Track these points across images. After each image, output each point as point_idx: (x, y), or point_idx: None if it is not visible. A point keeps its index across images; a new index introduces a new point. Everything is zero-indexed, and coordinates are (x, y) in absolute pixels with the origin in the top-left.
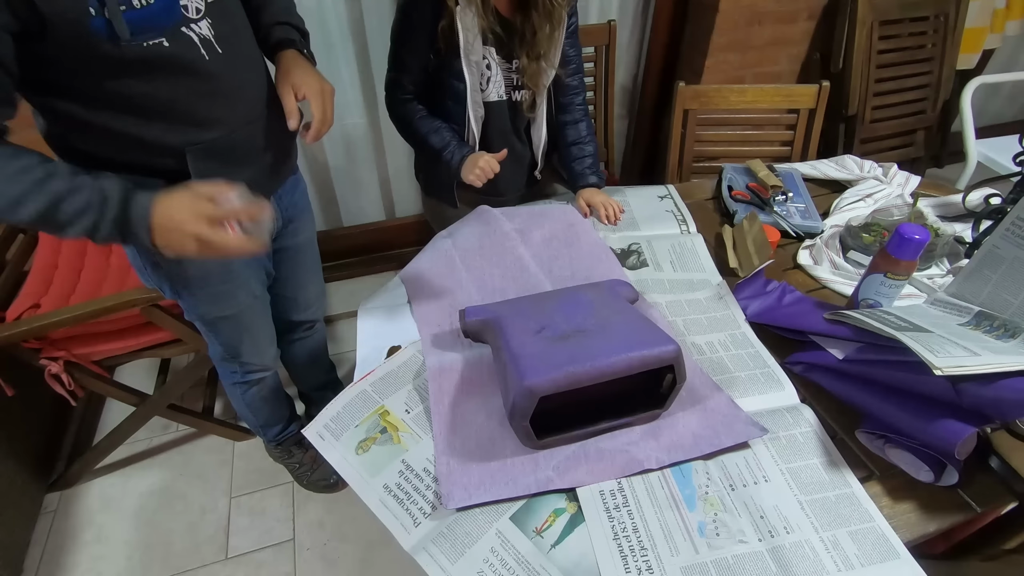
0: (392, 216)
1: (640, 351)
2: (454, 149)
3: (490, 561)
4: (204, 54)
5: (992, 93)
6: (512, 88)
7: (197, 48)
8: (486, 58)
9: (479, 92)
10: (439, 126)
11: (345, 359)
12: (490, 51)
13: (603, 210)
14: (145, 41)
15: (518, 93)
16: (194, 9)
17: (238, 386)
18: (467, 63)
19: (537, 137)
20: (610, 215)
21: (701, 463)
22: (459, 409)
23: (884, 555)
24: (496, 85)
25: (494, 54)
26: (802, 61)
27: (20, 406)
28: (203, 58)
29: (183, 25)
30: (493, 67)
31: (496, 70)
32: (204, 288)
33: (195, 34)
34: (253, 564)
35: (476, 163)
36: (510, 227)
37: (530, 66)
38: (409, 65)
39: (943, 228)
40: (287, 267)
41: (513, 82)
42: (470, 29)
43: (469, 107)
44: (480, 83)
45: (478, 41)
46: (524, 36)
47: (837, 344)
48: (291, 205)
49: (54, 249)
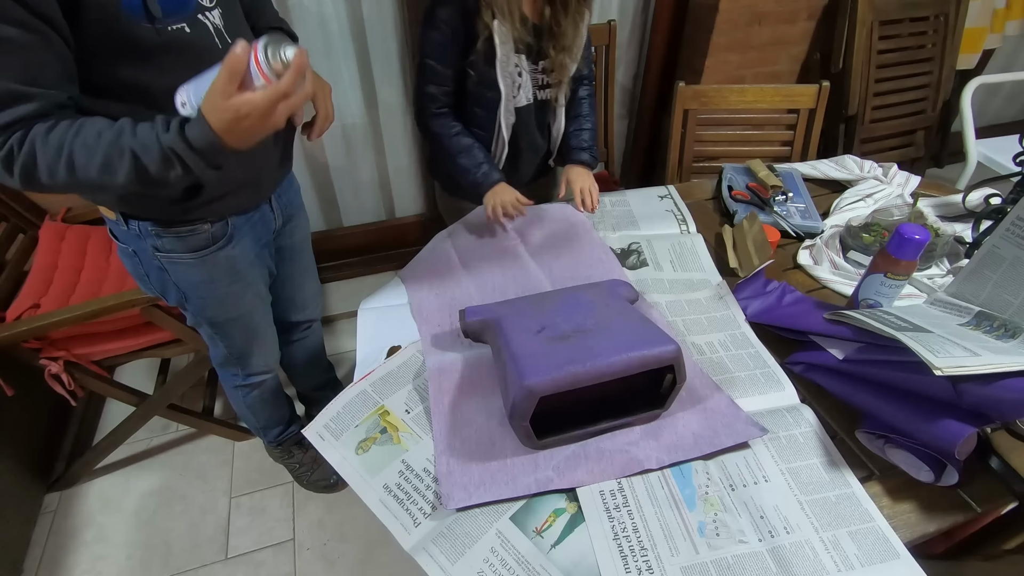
0: (392, 216)
1: (640, 351)
2: (487, 172)
3: (490, 561)
4: (217, 43)
5: (992, 93)
6: (539, 88)
7: (212, 36)
8: (517, 66)
9: (511, 101)
10: (471, 144)
11: (345, 359)
12: (520, 58)
13: (580, 195)
14: (171, 25)
15: (544, 92)
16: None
17: (239, 389)
18: (502, 75)
19: (556, 129)
20: (587, 202)
21: (701, 463)
22: (459, 409)
23: (884, 555)
24: (525, 90)
25: (523, 60)
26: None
27: (20, 406)
28: (216, 47)
29: (200, 12)
30: (524, 74)
31: (526, 76)
32: (211, 290)
33: (209, 22)
34: (253, 564)
35: (501, 199)
36: (510, 227)
37: (556, 59)
38: (440, 76)
39: (943, 228)
40: (285, 267)
41: (540, 82)
42: (505, 42)
43: (501, 115)
44: (513, 91)
45: (512, 52)
46: (551, 32)
47: (837, 344)
48: (288, 203)
49: (54, 249)
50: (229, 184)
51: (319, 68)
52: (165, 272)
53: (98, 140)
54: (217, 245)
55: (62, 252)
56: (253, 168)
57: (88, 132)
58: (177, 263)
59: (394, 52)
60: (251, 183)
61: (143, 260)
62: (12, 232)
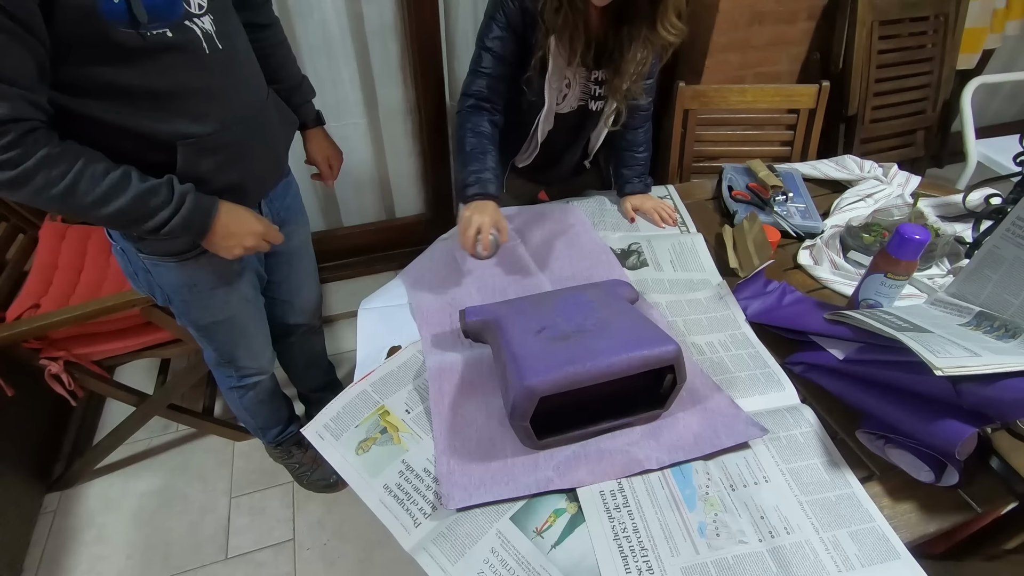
0: (392, 216)
1: (640, 351)
2: (485, 180)
3: (490, 561)
4: (205, 47)
5: (992, 93)
6: (591, 98)
7: (199, 41)
8: (567, 79)
9: (553, 110)
10: (487, 150)
11: (345, 359)
12: (574, 69)
13: (655, 215)
14: (154, 30)
15: (595, 103)
16: (196, 5)
17: (235, 390)
18: (549, 88)
19: (596, 136)
20: (664, 218)
21: (701, 463)
22: (459, 409)
23: (884, 555)
24: (571, 99)
25: (579, 70)
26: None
27: (20, 406)
28: (204, 51)
29: (187, 19)
30: (573, 84)
31: (575, 86)
32: (194, 293)
33: (198, 28)
34: (253, 564)
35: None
36: (510, 227)
37: (613, 81)
38: (490, 71)
39: (943, 228)
40: (282, 271)
41: (592, 92)
42: (560, 56)
43: (540, 123)
44: (557, 99)
45: (564, 67)
46: (612, 52)
47: (837, 344)
48: (283, 208)
49: (54, 249)
50: (210, 190)
51: (319, 68)
52: (149, 273)
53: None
54: (198, 250)
55: (62, 252)
56: (235, 174)
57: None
58: (159, 265)
59: (394, 52)
60: (234, 189)
61: (131, 259)
62: (12, 232)
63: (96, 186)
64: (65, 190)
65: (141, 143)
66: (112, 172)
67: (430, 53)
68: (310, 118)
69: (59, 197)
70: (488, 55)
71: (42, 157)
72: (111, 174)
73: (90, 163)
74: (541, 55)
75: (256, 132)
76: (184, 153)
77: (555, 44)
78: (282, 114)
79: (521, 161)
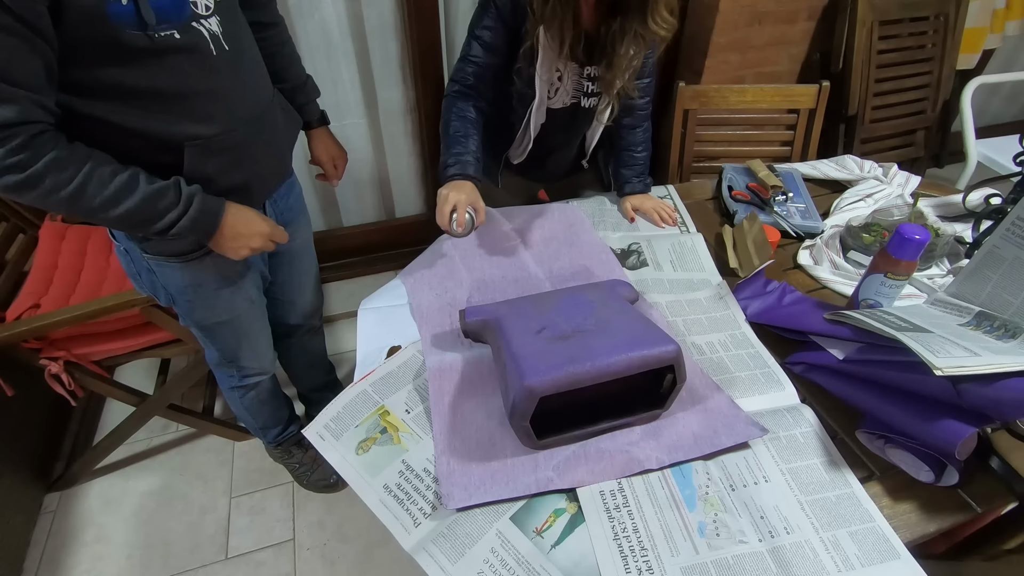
0: (392, 216)
1: (640, 351)
2: (463, 164)
3: (490, 562)
4: (212, 49)
5: (992, 93)
6: (583, 95)
7: (207, 42)
8: (559, 71)
9: (545, 103)
10: (469, 134)
11: (345, 359)
12: (566, 64)
13: (655, 215)
14: (161, 31)
15: (588, 100)
16: (203, 6)
17: (236, 390)
18: (539, 80)
19: (592, 135)
20: (664, 218)
21: (701, 463)
22: (459, 409)
23: (884, 555)
24: (563, 93)
25: (570, 65)
26: (802, 61)
27: (20, 406)
28: (211, 52)
29: (194, 20)
30: (565, 78)
31: (567, 80)
32: (198, 294)
33: (205, 29)
34: (253, 564)
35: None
36: (510, 227)
37: (606, 76)
38: (478, 60)
39: (943, 228)
40: (284, 271)
41: (585, 89)
42: (550, 47)
43: (532, 115)
44: (548, 93)
45: (555, 58)
46: (605, 48)
47: (837, 344)
48: (287, 209)
49: (54, 249)
50: (216, 190)
51: (319, 68)
52: (153, 274)
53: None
54: (203, 250)
55: (62, 252)
56: (241, 175)
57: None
58: (164, 265)
59: (394, 52)
60: (239, 189)
61: (134, 260)
62: (12, 232)
63: (104, 188)
64: (74, 192)
65: (148, 144)
66: (120, 174)
67: (430, 53)
68: (315, 117)
69: (68, 199)
70: (478, 44)
71: (51, 160)
72: (119, 176)
73: (98, 165)
74: (530, 45)
75: (262, 133)
76: (191, 154)
77: (544, 35)
78: (287, 114)
79: (516, 156)
